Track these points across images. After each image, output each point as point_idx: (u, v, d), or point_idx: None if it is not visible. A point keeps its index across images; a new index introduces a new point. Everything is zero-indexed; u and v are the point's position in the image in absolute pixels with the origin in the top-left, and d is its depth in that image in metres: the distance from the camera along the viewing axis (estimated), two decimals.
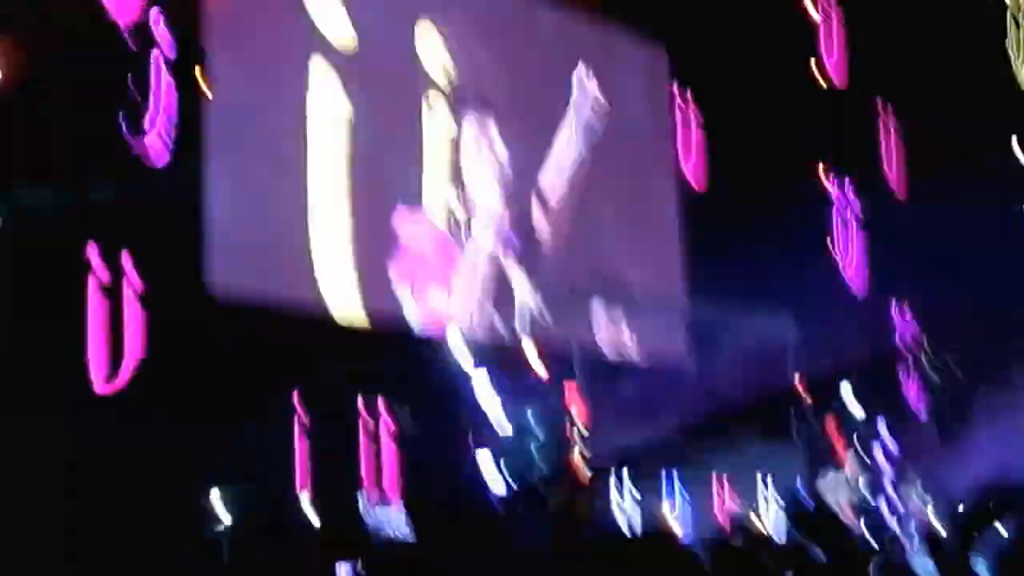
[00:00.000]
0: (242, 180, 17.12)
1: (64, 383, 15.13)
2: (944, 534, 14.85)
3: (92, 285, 15.63)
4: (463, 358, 17.99)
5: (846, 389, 22.43)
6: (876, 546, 15.03)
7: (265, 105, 17.40)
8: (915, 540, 15.72)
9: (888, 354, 23.98)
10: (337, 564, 12.75)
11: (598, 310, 19.68)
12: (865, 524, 18.57)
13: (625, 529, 17.68)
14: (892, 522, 19.94)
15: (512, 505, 16.82)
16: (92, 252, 15.59)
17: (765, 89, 21.72)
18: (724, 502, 21.05)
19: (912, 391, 24.00)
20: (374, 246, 18.63)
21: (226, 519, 16.38)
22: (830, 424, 21.84)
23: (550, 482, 17.76)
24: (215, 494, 16.47)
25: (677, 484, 20.76)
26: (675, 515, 20.45)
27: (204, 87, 16.53)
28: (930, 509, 20.11)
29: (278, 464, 17.02)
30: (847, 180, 24.63)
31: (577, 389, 18.18)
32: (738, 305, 20.77)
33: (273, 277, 17.34)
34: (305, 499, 17.04)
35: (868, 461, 21.81)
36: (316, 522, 16.60)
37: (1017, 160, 24.43)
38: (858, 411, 22.56)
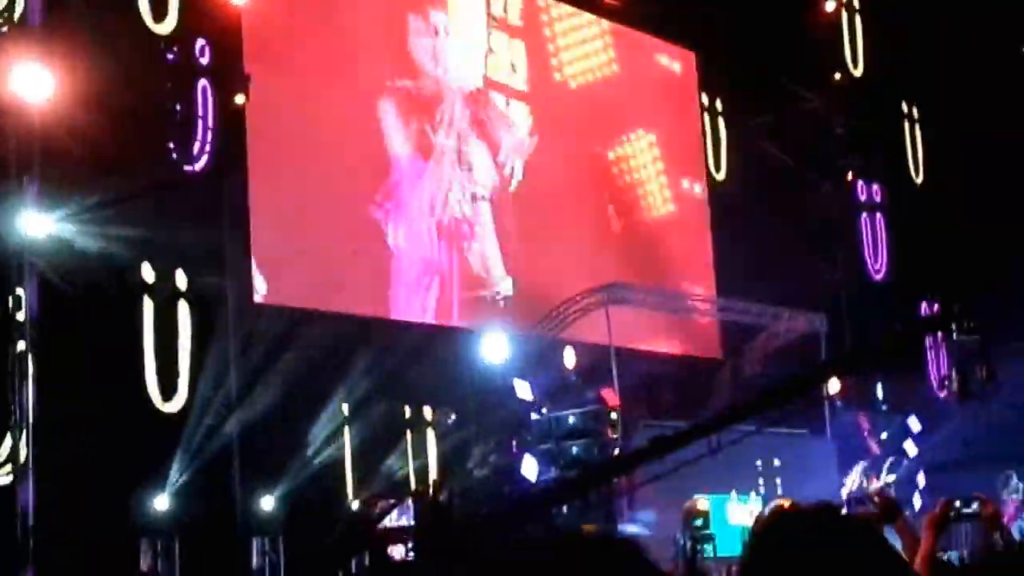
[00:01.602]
0: (284, 193, 17.76)
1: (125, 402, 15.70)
2: None
3: (148, 304, 16.21)
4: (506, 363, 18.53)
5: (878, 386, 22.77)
6: None
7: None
8: None
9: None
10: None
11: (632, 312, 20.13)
12: None
13: None
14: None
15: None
16: (147, 271, 16.22)
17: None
18: None
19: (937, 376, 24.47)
20: (418, 254, 19.25)
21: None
22: (862, 417, 22.13)
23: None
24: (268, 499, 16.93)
25: None
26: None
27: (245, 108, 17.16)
28: None
29: (328, 470, 17.51)
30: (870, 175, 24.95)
31: (615, 391, 18.50)
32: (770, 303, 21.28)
33: (317, 287, 17.96)
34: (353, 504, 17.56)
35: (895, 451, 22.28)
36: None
37: None
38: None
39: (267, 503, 16.88)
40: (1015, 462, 20.08)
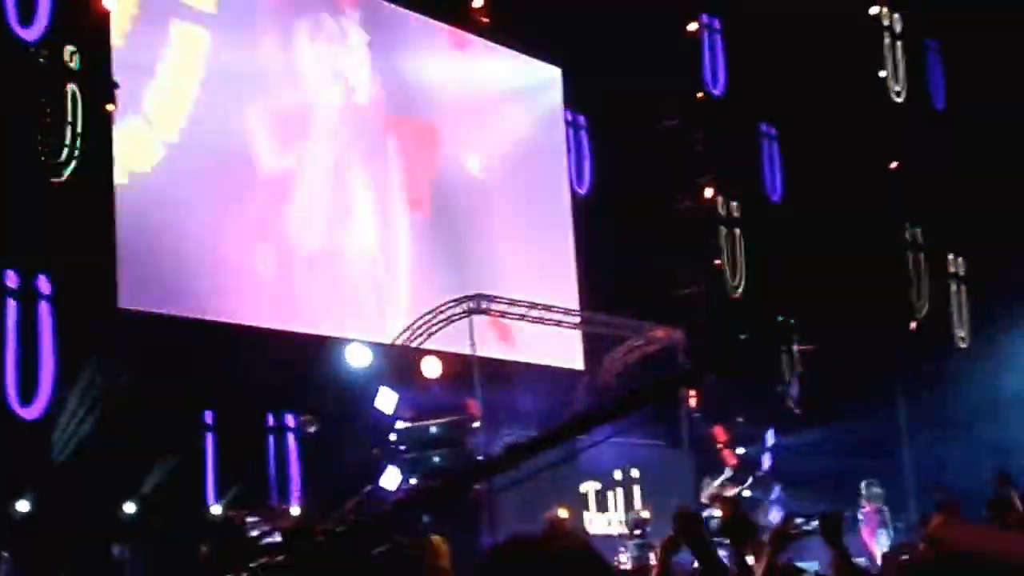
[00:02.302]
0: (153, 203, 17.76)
1: None
2: None
3: (9, 308, 16.07)
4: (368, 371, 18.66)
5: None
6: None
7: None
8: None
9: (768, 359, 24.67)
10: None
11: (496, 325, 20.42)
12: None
13: None
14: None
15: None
16: (9, 275, 16.07)
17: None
18: None
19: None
20: (283, 262, 19.31)
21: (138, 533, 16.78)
22: (719, 429, 22.53)
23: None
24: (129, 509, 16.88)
25: None
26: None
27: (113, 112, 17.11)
28: None
29: (188, 479, 17.48)
30: (729, 192, 25.49)
31: (477, 401, 18.69)
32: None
33: (183, 295, 17.96)
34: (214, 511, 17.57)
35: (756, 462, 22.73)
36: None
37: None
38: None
39: (128, 508, 16.83)
40: (874, 474, 20.67)
